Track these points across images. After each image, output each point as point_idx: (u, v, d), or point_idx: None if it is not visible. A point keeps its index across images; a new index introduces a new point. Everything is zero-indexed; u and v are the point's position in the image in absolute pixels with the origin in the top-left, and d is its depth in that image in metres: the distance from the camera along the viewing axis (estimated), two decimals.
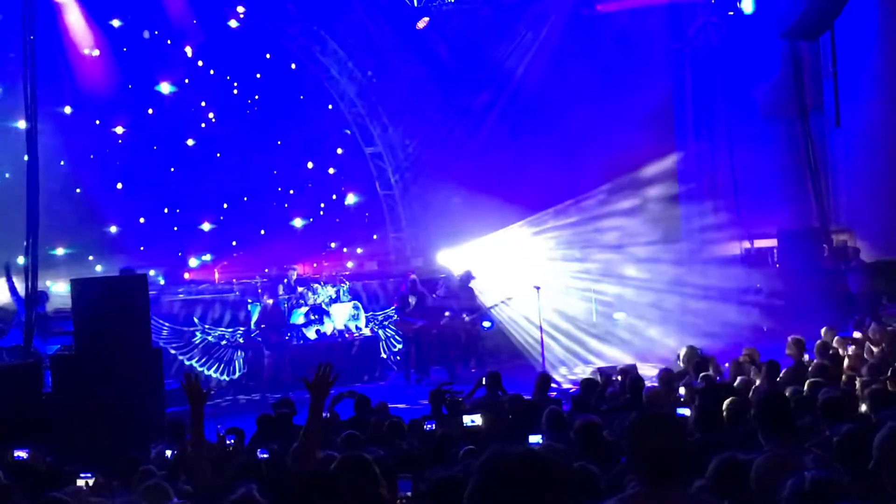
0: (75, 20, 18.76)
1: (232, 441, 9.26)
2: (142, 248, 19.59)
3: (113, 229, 19.68)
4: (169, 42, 20.12)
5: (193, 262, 20.44)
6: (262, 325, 17.90)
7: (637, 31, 20.34)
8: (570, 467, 5.24)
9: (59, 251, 18.55)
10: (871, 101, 19.79)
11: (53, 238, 17.41)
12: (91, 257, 19.10)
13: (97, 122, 19.61)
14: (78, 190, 19.22)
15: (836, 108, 20.52)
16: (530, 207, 20.57)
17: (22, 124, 17.29)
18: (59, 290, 15.94)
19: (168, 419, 11.19)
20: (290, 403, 11.00)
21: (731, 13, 20.67)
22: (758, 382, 10.93)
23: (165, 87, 20.20)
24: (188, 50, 20.37)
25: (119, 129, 19.80)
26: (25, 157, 13.61)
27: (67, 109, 18.73)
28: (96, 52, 19.05)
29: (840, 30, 19.87)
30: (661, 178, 20.77)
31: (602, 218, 20.69)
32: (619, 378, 11.72)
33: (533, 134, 20.70)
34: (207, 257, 20.61)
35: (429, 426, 9.16)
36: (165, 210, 20.48)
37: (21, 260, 15.22)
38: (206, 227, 20.69)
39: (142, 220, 20.07)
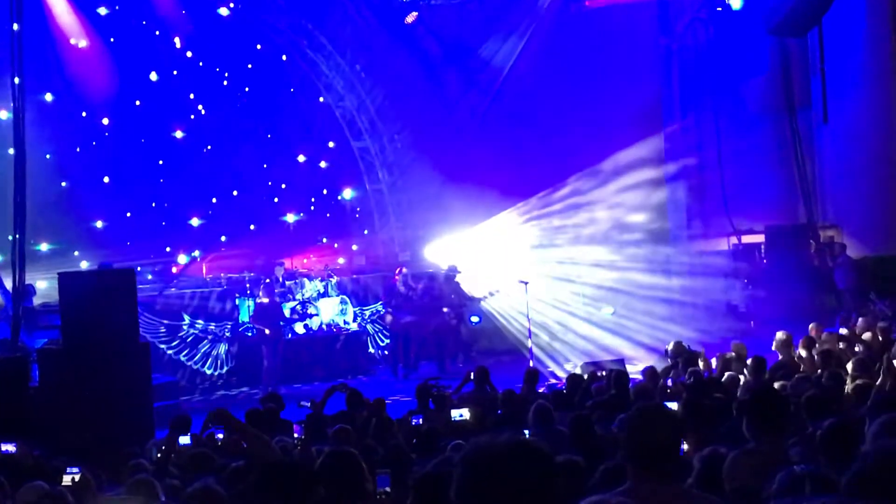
0: (61, 9, 18.47)
1: (221, 435, 9.25)
2: (128, 244, 19.39)
3: (99, 224, 19.44)
4: (157, 33, 19.87)
5: (182, 258, 20.14)
6: (259, 320, 17.67)
7: (625, 27, 20.36)
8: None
9: (44, 247, 18.21)
10: (858, 97, 19.85)
11: (37, 233, 17.03)
12: (76, 253, 18.76)
13: (83, 114, 19.34)
14: (63, 183, 18.98)
15: (823, 105, 20.59)
16: (517, 199, 20.65)
17: (3, 115, 17.22)
18: (40, 286, 15.77)
19: (176, 413, 11.22)
20: (277, 398, 10.99)
21: (720, 9, 20.72)
22: (745, 378, 10.96)
23: (154, 76, 20.02)
24: (177, 41, 20.15)
25: (105, 121, 19.57)
26: (11, 151, 13.53)
27: (48, 97, 18.39)
28: (83, 43, 18.80)
29: (828, 26, 19.92)
30: (648, 172, 20.84)
31: (589, 211, 20.79)
32: (605, 373, 11.73)
33: (520, 127, 20.70)
34: (196, 253, 20.29)
35: (416, 421, 9.15)
36: (153, 204, 20.24)
37: None
38: (195, 222, 20.44)
39: (128, 214, 19.84)
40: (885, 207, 19.46)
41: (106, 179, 19.54)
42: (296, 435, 8.46)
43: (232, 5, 20.38)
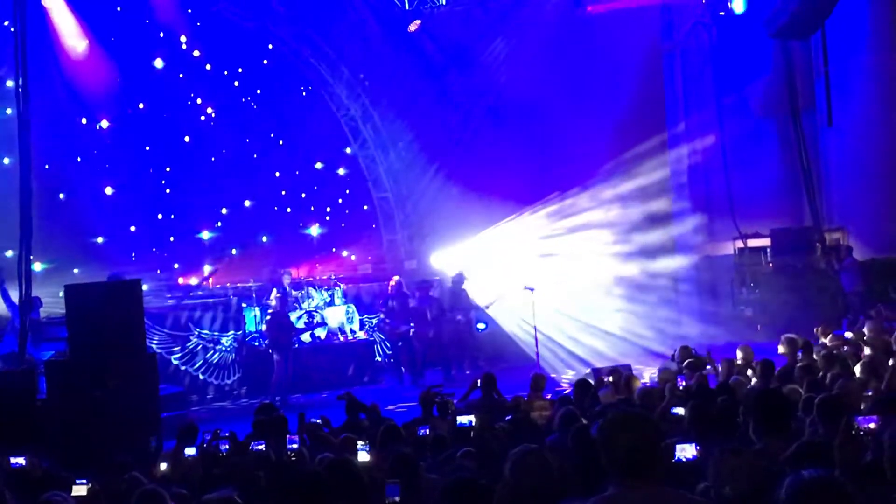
0: (59, 10, 17.79)
1: (226, 446, 9.25)
2: (133, 256, 18.98)
3: (100, 240, 18.83)
4: (162, 35, 19.43)
5: (194, 281, 19.70)
6: (272, 331, 17.59)
7: (628, 33, 20.36)
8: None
9: (37, 266, 16.42)
10: (862, 99, 19.83)
11: (35, 249, 14.13)
12: (76, 270, 17.69)
13: (83, 120, 18.71)
14: (62, 195, 18.42)
15: (828, 108, 20.58)
16: (522, 205, 20.66)
17: None
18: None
19: (182, 422, 11.21)
20: (271, 408, 10.91)
21: (722, 13, 20.71)
22: (753, 382, 10.94)
23: (159, 63, 19.45)
24: (183, 40, 19.74)
25: (104, 124, 18.95)
26: (6, 160, 13.40)
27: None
28: (83, 45, 18.15)
29: (831, 29, 19.91)
30: (652, 176, 20.83)
31: (594, 215, 20.80)
32: (612, 378, 11.71)
33: (524, 134, 20.70)
34: (207, 269, 19.79)
35: (423, 431, 9.11)
36: (159, 216, 19.80)
37: None
38: (205, 235, 20.16)
39: (132, 228, 19.31)
40: (891, 209, 19.40)
41: (108, 191, 19.03)
42: (294, 446, 8.48)
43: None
